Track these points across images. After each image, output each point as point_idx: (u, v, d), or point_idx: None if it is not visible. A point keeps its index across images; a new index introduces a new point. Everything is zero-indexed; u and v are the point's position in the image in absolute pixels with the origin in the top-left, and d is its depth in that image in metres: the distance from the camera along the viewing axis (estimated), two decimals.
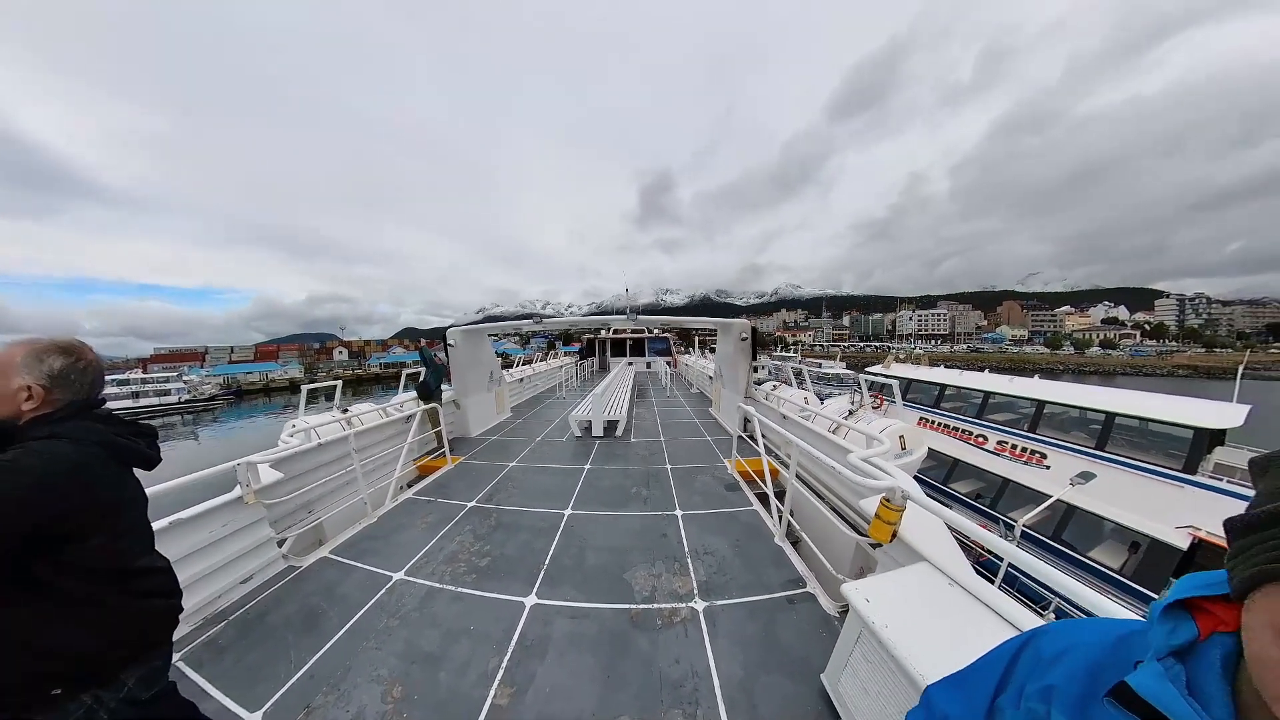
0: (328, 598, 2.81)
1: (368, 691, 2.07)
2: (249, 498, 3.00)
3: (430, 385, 5.92)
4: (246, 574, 2.93)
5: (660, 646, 2.28)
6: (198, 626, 2.56)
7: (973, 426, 10.02)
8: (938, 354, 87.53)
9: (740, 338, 6.88)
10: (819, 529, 3.32)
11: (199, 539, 2.69)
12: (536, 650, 2.28)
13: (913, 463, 3.65)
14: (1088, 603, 1.32)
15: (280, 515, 3.62)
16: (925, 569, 1.84)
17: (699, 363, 14.86)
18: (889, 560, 2.24)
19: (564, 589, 2.80)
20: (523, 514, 3.98)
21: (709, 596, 2.67)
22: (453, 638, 2.41)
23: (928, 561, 1.88)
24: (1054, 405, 8.75)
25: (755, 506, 3.93)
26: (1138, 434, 7.61)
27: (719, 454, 5.73)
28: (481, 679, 2.12)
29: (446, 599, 2.76)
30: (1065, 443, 8.19)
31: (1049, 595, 6.12)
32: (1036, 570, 1.45)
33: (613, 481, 4.77)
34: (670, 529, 3.56)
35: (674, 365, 18.60)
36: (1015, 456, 8.88)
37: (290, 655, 2.32)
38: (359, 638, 2.43)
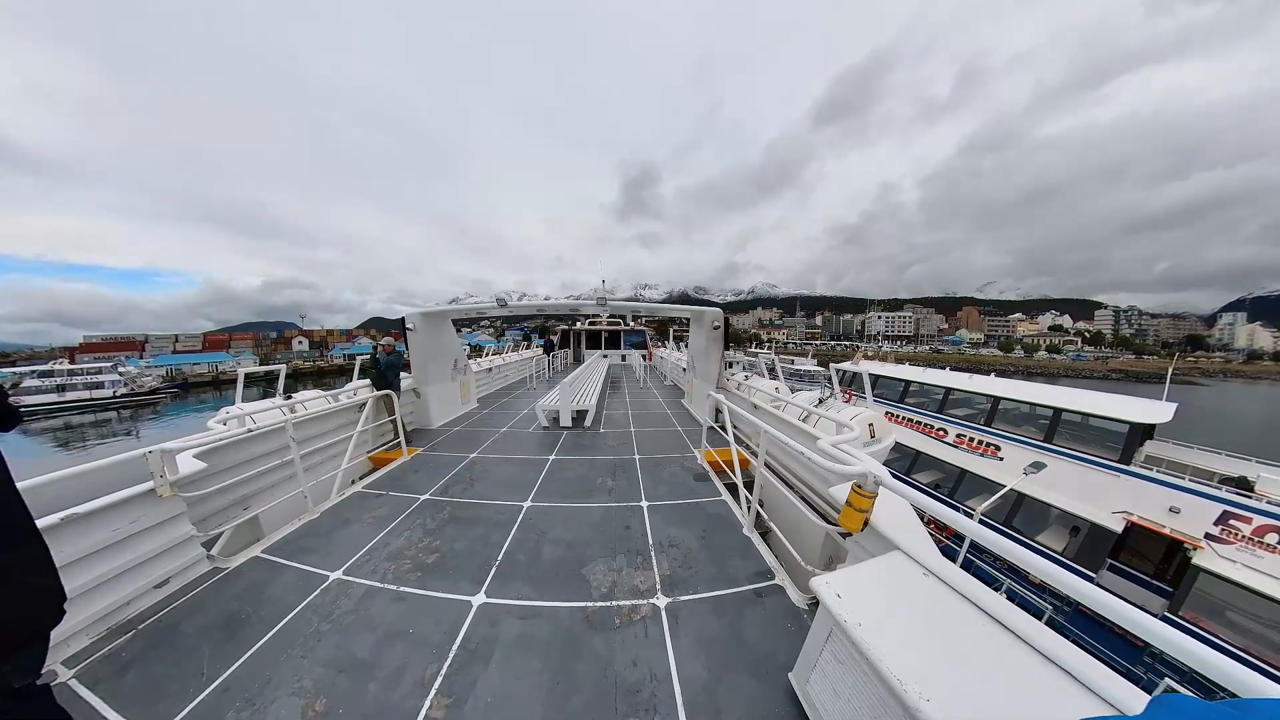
0: (254, 601, 2.54)
1: (286, 705, 1.86)
2: (163, 490, 2.66)
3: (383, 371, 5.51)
4: (161, 577, 2.61)
5: (617, 647, 2.14)
6: (99, 639, 2.24)
7: (934, 420, 10.50)
8: (903, 354, 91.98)
9: (713, 326, 6.84)
10: (788, 519, 3.27)
11: (101, 537, 2.36)
12: (480, 654, 2.11)
13: (881, 451, 3.67)
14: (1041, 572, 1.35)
15: (209, 512, 3.27)
16: (898, 558, 1.78)
17: (673, 355, 14.86)
18: (860, 550, 2.18)
19: (516, 586, 2.63)
20: (479, 507, 3.77)
21: (672, 591, 2.55)
22: (388, 642, 2.20)
23: (900, 550, 1.82)
24: (1008, 401, 9.26)
25: (724, 497, 3.86)
26: (1080, 428, 8.15)
27: (689, 444, 5.66)
28: (416, 688, 1.94)
29: (386, 599, 2.54)
30: (1018, 436, 8.70)
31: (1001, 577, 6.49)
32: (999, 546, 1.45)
33: (577, 472, 4.61)
34: (635, 521, 3.44)
35: (649, 358, 18.56)
36: (972, 449, 9.37)
37: (204, 667, 2.06)
38: (284, 645, 2.20)
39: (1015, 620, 1.40)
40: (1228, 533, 5.88)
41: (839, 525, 2.24)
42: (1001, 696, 1.21)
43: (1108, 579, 6.50)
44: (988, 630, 1.40)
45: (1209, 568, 5.74)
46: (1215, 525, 6.01)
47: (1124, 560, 6.54)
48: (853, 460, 2.27)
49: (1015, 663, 1.29)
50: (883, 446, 3.76)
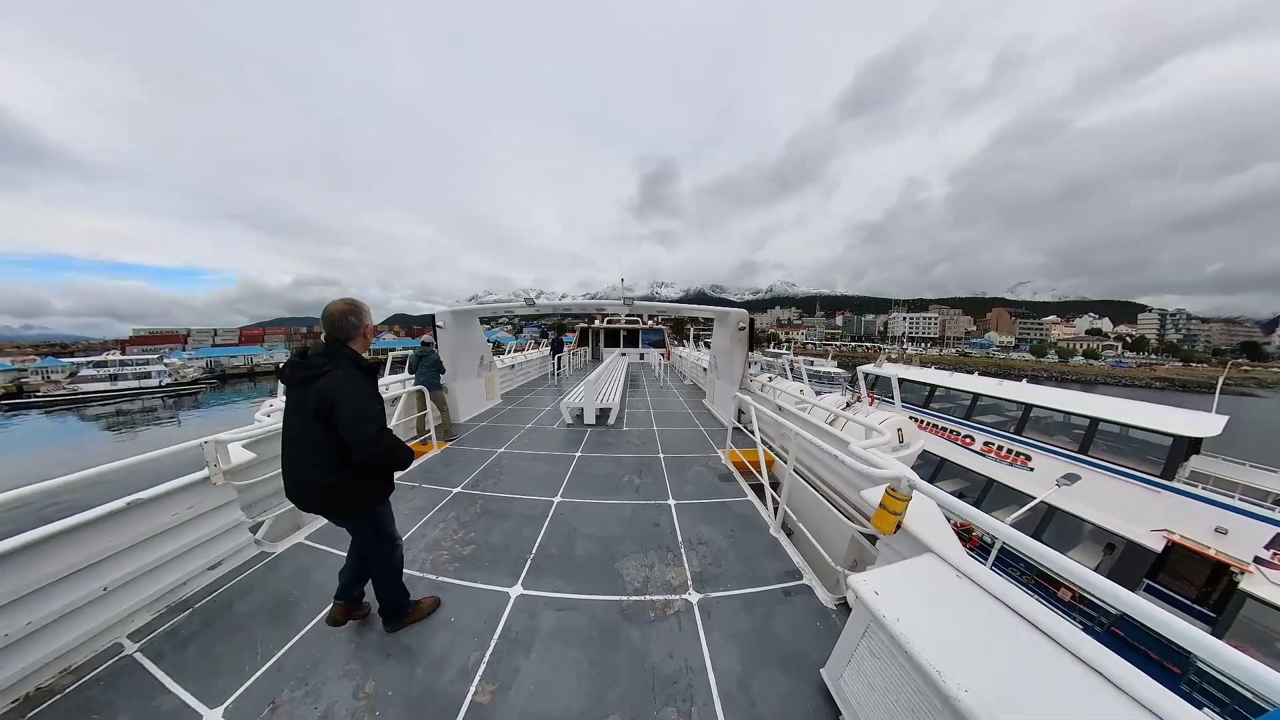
0: (300, 585, 2.68)
1: (338, 687, 1.96)
2: (217, 479, 2.82)
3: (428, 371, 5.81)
4: (215, 559, 2.77)
5: (653, 640, 2.19)
6: (159, 615, 2.40)
7: (960, 427, 10.17)
8: (927, 356, 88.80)
9: (738, 327, 6.81)
10: (813, 520, 3.27)
11: (162, 521, 2.52)
12: (521, 644, 2.19)
13: (909, 456, 3.62)
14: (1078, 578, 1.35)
15: (255, 499, 3.47)
16: (931, 560, 1.78)
17: (692, 355, 14.82)
18: (890, 552, 2.17)
19: (551, 579, 2.70)
20: (510, 501, 3.87)
21: (703, 588, 2.59)
22: (431, 630, 2.30)
23: (933, 553, 1.82)
24: (1040, 409, 8.90)
25: (749, 497, 3.88)
26: (1119, 439, 7.77)
27: (712, 444, 5.68)
28: (461, 674, 2.02)
29: (426, 588, 2.64)
30: (1050, 445, 8.35)
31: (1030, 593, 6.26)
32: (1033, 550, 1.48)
33: (604, 469, 4.68)
34: (663, 518, 3.48)
35: (668, 357, 18.56)
36: (1001, 457, 9.04)
37: (257, 647, 2.18)
38: (332, 629, 2.31)
39: (1050, 624, 1.39)
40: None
41: (871, 527, 2.24)
42: (1037, 696, 1.21)
43: None
44: (1021, 631, 1.40)
45: (1258, 594, 5.40)
46: (1267, 549, 5.66)
47: (1162, 581, 6.22)
48: (887, 464, 2.26)
49: (1051, 665, 1.28)
50: (910, 452, 3.70)
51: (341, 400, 1.78)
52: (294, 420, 1.90)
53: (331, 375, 1.81)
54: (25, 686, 1.93)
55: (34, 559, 2.02)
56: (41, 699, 1.90)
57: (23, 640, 1.93)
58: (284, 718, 1.82)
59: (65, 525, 2.12)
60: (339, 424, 1.79)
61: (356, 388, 1.84)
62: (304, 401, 1.83)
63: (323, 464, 1.86)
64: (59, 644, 2.04)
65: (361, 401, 1.84)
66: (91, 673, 2.04)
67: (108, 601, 2.23)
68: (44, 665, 1.98)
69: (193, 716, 1.83)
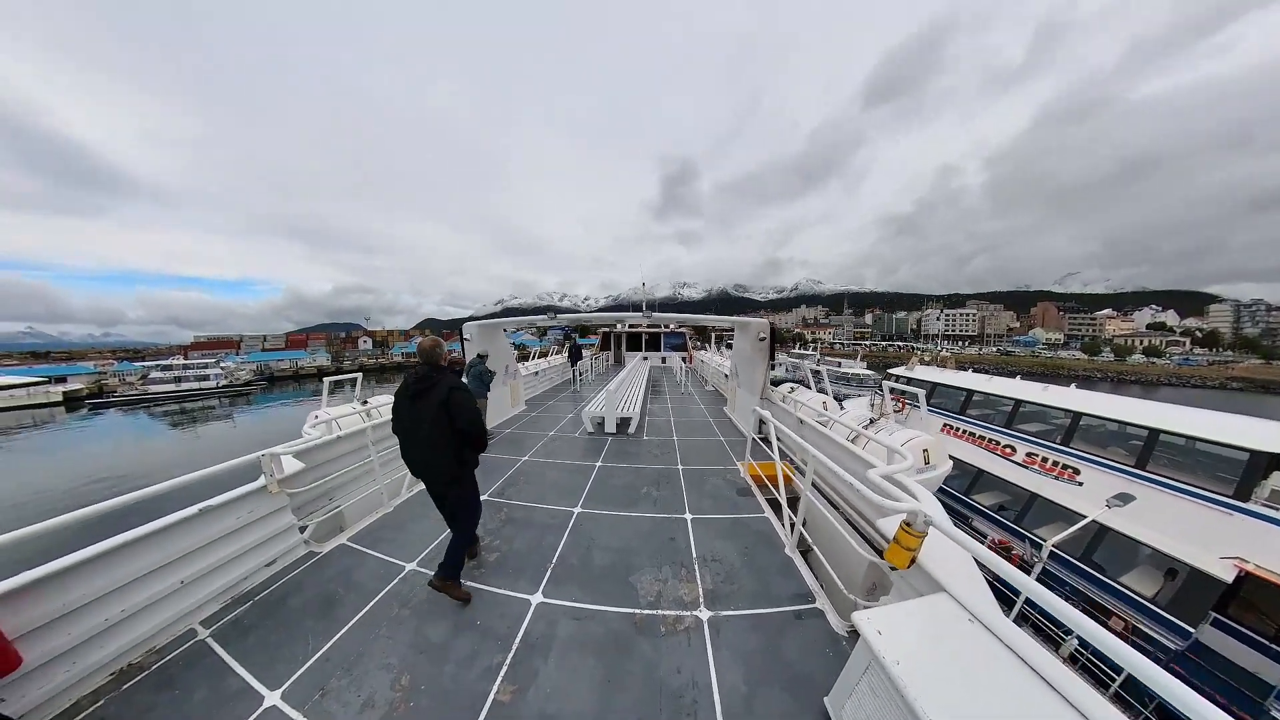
0: (344, 584, 2.93)
1: (378, 678, 2.15)
2: (272, 487, 3.14)
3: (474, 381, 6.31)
4: (270, 558, 3.08)
5: (663, 654, 2.27)
6: (226, 605, 2.71)
7: (1001, 436, 9.59)
8: (965, 356, 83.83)
9: (758, 337, 6.75)
10: (831, 542, 3.23)
11: (227, 524, 2.84)
12: (540, 649, 2.31)
13: (935, 478, 3.49)
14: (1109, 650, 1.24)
15: (303, 503, 3.76)
16: (943, 601, 1.75)
17: (715, 359, 14.71)
18: (905, 586, 2.15)
19: (570, 589, 2.82)
20: (533, 510, 4.02)
21: (714, 605, 2.64)
22: (459, 631, 2.46)
23: (947, 593, 1.78)
24: (1091, 417, 8.28)
25: (767, 514, 3.86)
26: (1184, 453, 7.12)
27: (732, 456, 5.66)
28: (486, 674, 2.16)
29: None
30: (1102, 459, 7.75)
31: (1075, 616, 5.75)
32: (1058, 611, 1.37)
33: (624, 480, 4.77)
34: (679, 533, 3.53)
35: (689, 361, 18.46)
36: (1046, 470, 8.47)
37: (308, 638, 2.43)
38: (372, 625, 2.53)
39: (1057, 677, 1.35)
40: None
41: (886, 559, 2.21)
42: None
43: (1210, 635, 5.58)
44: (1028, 684, 1.37)
45: None
46: None
47: (1233, 615, 5.60)
48: (903, 497, 2.22)
49: None
50: (937, 474, 3.57)
51: (456, 403, 2.57)
52: (416, 421, 2.63)
53: (442, 387, 2.59)
54: (120, 662, 2.26)
55: (126, 557, 2.36)
56: (133, 674, 2.22)
57: (118, 624, 2.27)
58: (333, 703, 2.03)
59: (151, 529, 2.45)
60: (455, 418, 2.57)
61: (463, 393, 2.64)
62: (426, 407, 2.58)
63: (445, 447, 2.62)
64: (146, 628, 2.38)
65: (469, 402, 2.64)
66: (172, 654, 2.35)
67: (184, 593, 2.57)
68: (134, 645, 2.32)
69: (255, 697, 2.08)
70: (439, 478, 2.73)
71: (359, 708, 2.00)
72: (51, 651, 2.05)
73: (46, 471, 19.46)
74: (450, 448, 2.62)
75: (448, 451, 2.62)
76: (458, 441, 2.63)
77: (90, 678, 2.17)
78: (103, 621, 2.21)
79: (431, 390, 2.59)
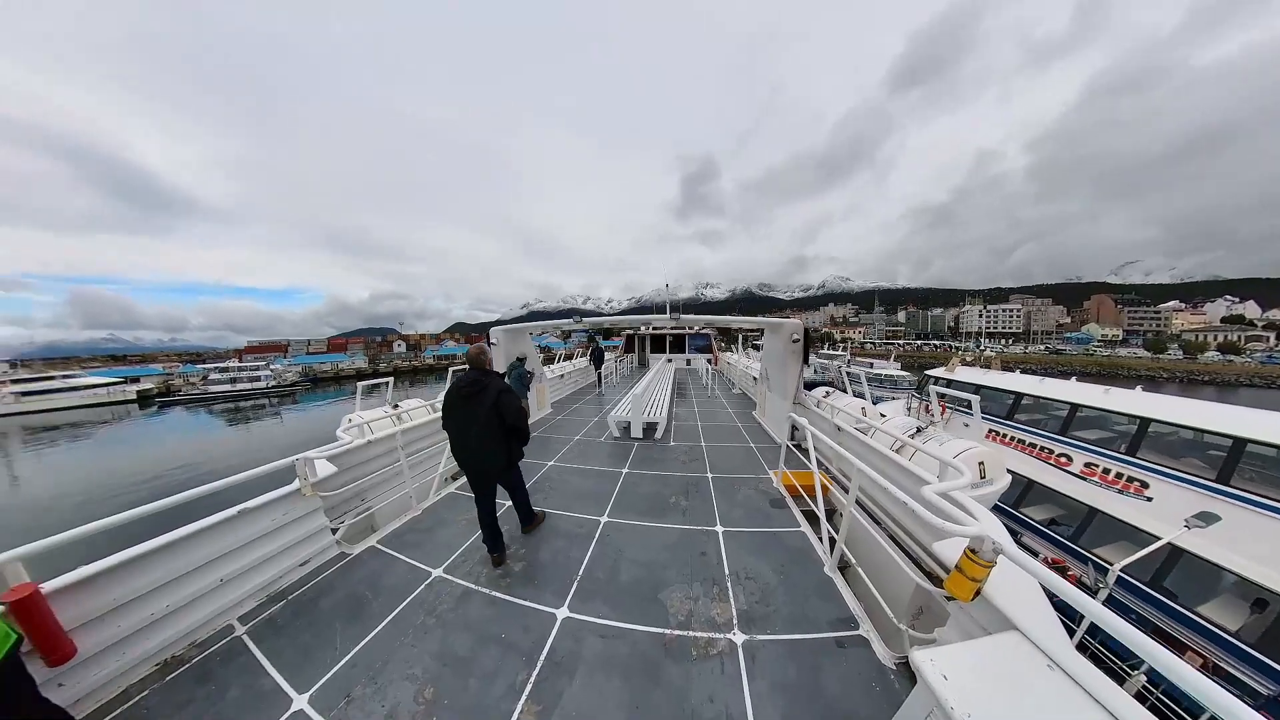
0: (372, 587, 2.97)
1: (402, 689, 2.13)
2: (306, 490, 3.21)
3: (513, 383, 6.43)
4: (304, 559, 3.16)
5: (694, 680, 2.14)
6: (261, 603, 2.80)
7: (1054, 444, 8.85)
8: (1010, 355, 78.49)
9: (791, 339, 6.45)
10: (874, 561, 2.99)
11: (263, 525, 2.93)
12: (566, 667, 2.23)
13: (992, 494, 3.18)
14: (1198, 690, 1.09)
15: (335, 505, 3.87)
16: (1017, 642, 1.54)
17: (742, 361, 14.37)
18: (964, 618, 1.92)
19: (596, 604, 2.73)
20: (559, 518, 3.97)
21: (749, 629, 2.47)
22: (484, 643, 2.42)
23: (1019, 632, 1.57)
24: (1161, 424, 7.49)
25: (803, 528, 3.64)
26: (1277, 465, 6.32)
27: (763, 464, 5.43)
28: (510, 691, 2.10)
29: (481, 602, 2.79)
30: (1175, 471, 6.98)
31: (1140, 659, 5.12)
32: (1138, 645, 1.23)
33: (651, 488, 4.64)
34: (710, 547, 3.37)
35: (715, 363, 18.13)
36: (1108, 483, 7.73)
37: (336, 641, 2.46)
38: (398, 632, 2.52)
39: None
40: None
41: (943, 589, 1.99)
42: None
43: None
44: None
45: None
46: None
47: None
48: (965, 518, 1.97)
49: None
50: (993, 490, 3.24)
51: (505, 402, 2.99)
52: (469, 419, 3.00)
53: (491, 389, 3.00)
54: (164, 655, 2.37)
55: (172, 554, 2.46)
56: (175, 666, 2.32)
57: (163, 618, 2.38)
58: (357, 711, 2.02)
59: (194, 529, 2.55)
60: (505, 416, 2.98)
61: (510, 394, 3.09)
62: (478, 407, 2.96)
63: (497, 442, 3.03)
64: (188, 622, 2.48)
65: (516, 402, 3.08)
66: (211, 648, 2.44)
67: (223, 590, 2.66)
68: (177, 639, 2.42)
69: (284, 699, 2.10)
70: (492, 469, 3.13)
71: (382, 719, 1.98)
72: (103, 642, 2.17)
73: (129, 460, 21.62)
74: (501, 442, 3.05)
75: (499, 445, 3.04)
76: (506, 436, 3.05)
77: (137, 668, 2.27)
78: (149, 615, 2.33)
79: (482, 392, 2.97)
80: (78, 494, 16.54)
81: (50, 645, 1.94)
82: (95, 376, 46.72)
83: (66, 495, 16.41)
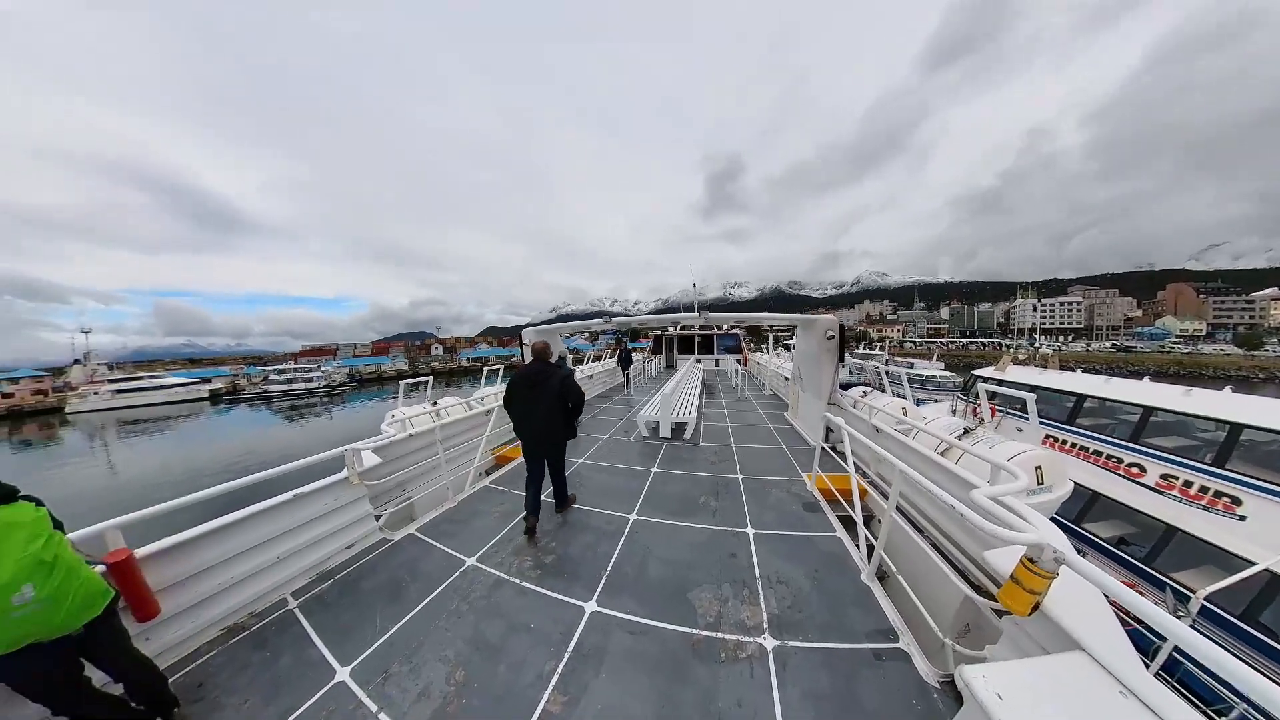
0: (411, 571, 3.14)
1: (435, 670, 2.22)
2: (354, 479, 3.45)
3: None
4: (350, 542, 3.39)
5: (722, 682, 2.09)
6: (312, 580, 3.04)
7: (1125, 452, 7.98)
8: (1071, 353, 71.86)
9: (826, 336, 6.23)
10: (915, 570, 2.83)
11: (315, 510, 3.18)
12: (593, 660, 2.24)
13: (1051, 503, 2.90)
14: None
15: (378, 493, 4.11)
16: (1082, 663, 1.39)
17: (773, 362, 14.00)
18: (1019, 634, 1.77)
19: (624, 600, 2.73)
20: (588, 514, 4.02)
21: (780, 634, 2.39)
22: (514, 632, 2.48)
23: (1085, 652, 1.41)
24: (1257, 430, 6.61)
25: (838, 533, 3.50)
26: None
27: (797, 467, 5.27)
28: (537, 680, 2.13)
29: (512, 591, 2.87)
30: (1275, 486, 6.14)
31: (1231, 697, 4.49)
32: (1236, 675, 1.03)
33: (680, 488, 4.60)
34: (740, 548, 3.31)
35: (745, 363, 17.78)
36: (1190, 498, 6.88)
37: (377, 620, 2.62)
38: (433, 615, 2.65)
39: None
40: None
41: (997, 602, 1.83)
42: None
43: None
44: None
45: None
46: None
47: None
48: (1025, 525, 1.79)
49: None
50: (1053, 498, 2.95)
51: (569, 386, 3.67)
52: (536, 401, 3.60)
53: (557, 376, 3.64)
54: (228, 621, 2.64)
55: (237, 531, 2.73)
56: (238, 631, 2.56)
57: (230, 588, 2.64)
58: (393, 687, 2.13)
59: (257, 509, 2.82)
60: (569, 397, 3.67)
61: (574, 379, 3.79)
62: (545, 390, 3.58)
63: (560, 418, 3.68)
64: (249, 593, 2.73)
65: (577, 387, 3.77)
66: (268, 618, 2.67)
67: (279, 567, 2.91)
68: (240, 607, 2.68)
69: (329, 670, 2.26)
70: (556, 439, 3.74)
71: (415, 697, 2.07)
72: (181, 605, 2.43)
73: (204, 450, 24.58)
74: (563, 417, 3.70)
75: (561, 420, 3.69)
76: (567, 414, 3.72)
77: (206, 630, 2.53)
78: (218, 584, 2.59)
79: (549, 379, 3.62)
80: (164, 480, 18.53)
81: (140, 603, 2.21)
82: (175, 377, 52.71)
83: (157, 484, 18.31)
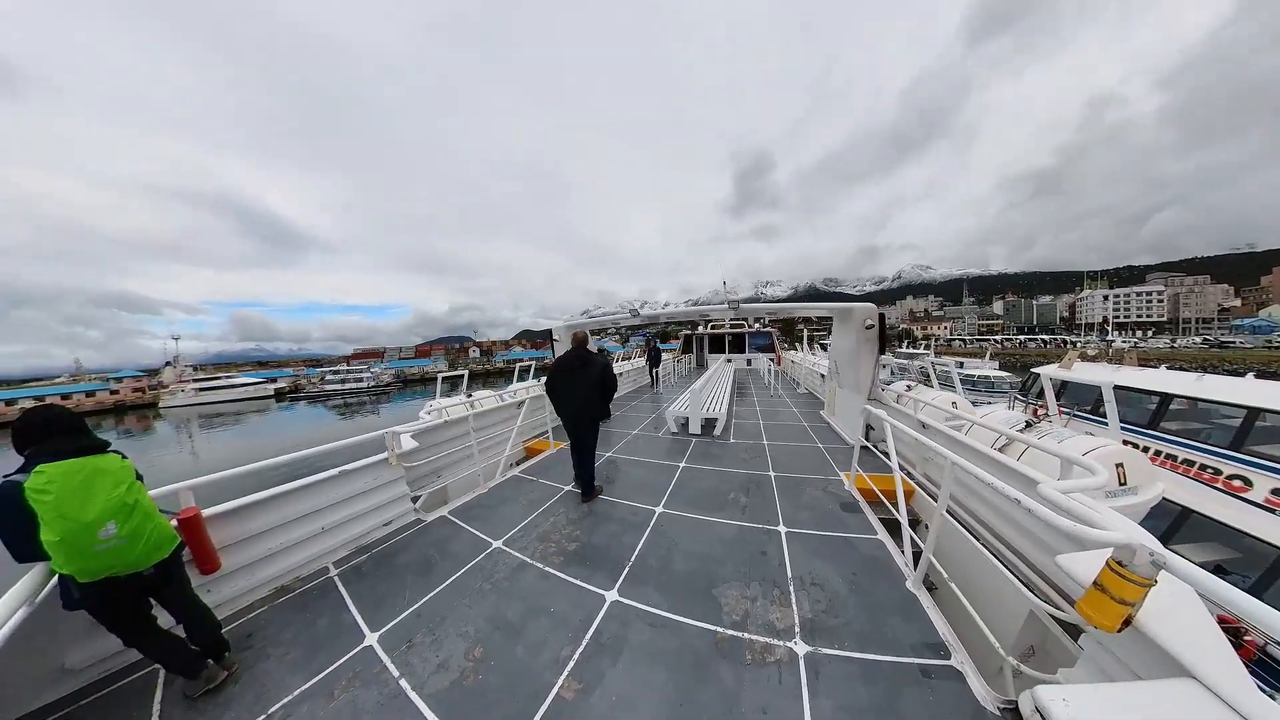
0: (440, 550, 3.26)
1: (455, 644, 2.27)
2: (393, 460, 3.65)
3: None
4: (387, 519, 3.60)
5: (747, 686, 1.94)
6: (351, 553, 3.25)
7: (1225, 463, 6.87)
8: (1151, 350, 63.42)
9: (865, 325, 5.82)
10: (971, 579, 2.54)
11: (357, 486, 3.40)
12: (610, 650, 2.18)
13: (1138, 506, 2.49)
14: None
15: (416, 476, 4.29)
16: (1195, 694, 1.16)
17: (808, 360, 13.45)
18: (1104, 656, 1.52)
19: (646, 591, 2.65)
20: (614, 505, 3.98)
21: (813, 640, 2.20)
22: (534, 614, 2.47)
23: (1194, 679, 1.18)
24: None
25: (880, 535, 3.22)
26: None
27: (834, 465, 4.98)
28: (553, 664, 2.10)
29: (534, 575, 2.88)
30: None
31: None
32: None
33: (708, 483, 4.48)
34: (771, 546, 3.13)
35: (778, 362, 17.21)
36: None
37: (405, 593, 2.73)
38: (458, 593, 2.72)
39: None
40: None
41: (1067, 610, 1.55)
42: None
43: None
44: None
45: None
46: None
47: None
48: (1109, 523, 1.52)
49: None
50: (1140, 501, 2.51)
51: (607, 372, 4.10)
52: (576, 385, 4.01)
53: (598, 365, 4.06)
54: (277, 582, 2.86)
55: (289, 501, 2.98)
56: (284, 593, 2.78)
57: (279, 552, 2.89)
58: (416, 656, 2.20)
59: (306, 482, 3.06)
60: (606, 381, 4.07)
61: (610, 366, 4.21)
62: (587, 376, 4.00)
63: (598, 400, 4.10)
64: (297, 559, 2.96)
65: (612, 371, 4.20)
66: (311, 583, 2.87)
67: (323, 537, 3.13)
68: (288, 571, 2.91)
69: (359, 634, 2.38)
70: (594, 417, 4.13)
71: (435, 667, 2.11)
72: (238, 563, 2.67)
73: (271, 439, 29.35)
74: (601, 399, 4.14)
75: (599, 401, 4.12)
76: (603, 396, 4.15)
77: (258, 589, 2.75)
78: (270, 548, 2.83)
79: (589, 366, 4.04)
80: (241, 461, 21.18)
81: (205, 557, 2.47)
82: (246, 377, 60.14)
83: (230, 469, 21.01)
